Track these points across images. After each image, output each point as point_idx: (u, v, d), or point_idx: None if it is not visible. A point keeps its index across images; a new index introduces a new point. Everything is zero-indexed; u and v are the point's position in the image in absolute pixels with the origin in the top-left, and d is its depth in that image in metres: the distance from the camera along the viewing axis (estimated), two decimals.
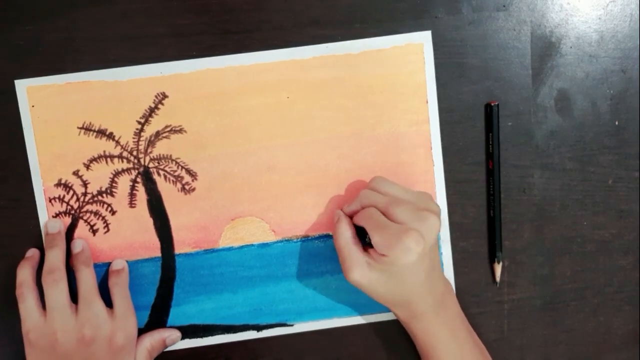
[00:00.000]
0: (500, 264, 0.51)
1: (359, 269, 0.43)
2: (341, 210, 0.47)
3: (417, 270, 0.42)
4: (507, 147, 0.50)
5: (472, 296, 0.51)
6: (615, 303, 0.52)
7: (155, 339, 0.48)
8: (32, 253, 0.48)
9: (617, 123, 0.51)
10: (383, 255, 0.42)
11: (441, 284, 0.46)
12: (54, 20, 0.47)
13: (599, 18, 0.50)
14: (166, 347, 0.49)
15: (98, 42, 0.47)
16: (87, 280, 0.46)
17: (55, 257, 0.46)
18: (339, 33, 0.48)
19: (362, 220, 0.44)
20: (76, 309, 0.45)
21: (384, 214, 0.43)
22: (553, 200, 0.51)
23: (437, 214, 0.43)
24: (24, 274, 0.46)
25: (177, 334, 0.49)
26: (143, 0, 0.47)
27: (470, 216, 0.50)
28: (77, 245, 0.48)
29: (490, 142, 0.49)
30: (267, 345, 0.51)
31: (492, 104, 0.49)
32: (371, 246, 0.43)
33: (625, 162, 0.51)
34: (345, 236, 0.45)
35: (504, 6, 0.49)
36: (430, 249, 0.43)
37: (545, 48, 0.50)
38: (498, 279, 0.51)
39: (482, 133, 0.50)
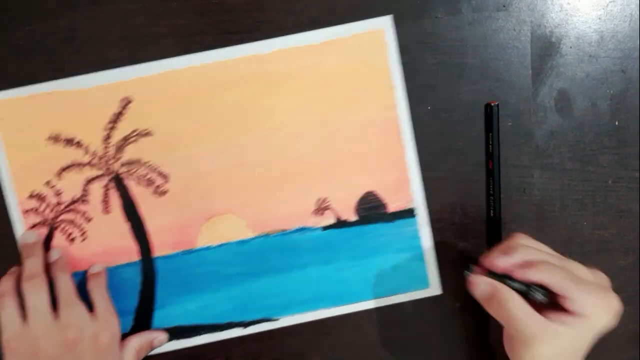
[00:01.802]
0: None
1: (550, 341, 0.36)
2: (476, 266, 0.41)
3: (593, 338, 0.38)
4: (507, 147, 0.50)
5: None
6: None
7: (143, 340, 0.48)
8: (15, 269, 0.47)
9: (617, 123, 0.51)
10: (579, 316, 0.36)
11: None
12: (54, 20, 0.47)
13: (599, 18, 0.50)
14: (153, 348, 0.49)
15: (98, 42, 0.47)
16: (66, 286, 0.46)
17: (34, 264, 0.46)
18: None
19: (549, 275, 0.38)
20: (57, 314, 0.45)
21: None
22: (553, 200, 0.51)
23: None
24: (6, 284, 0.46)
25: (164, 335, 0.49)
26: (143, 0, 0.47)
27: (470, 216, 0.50)
28: (54, 254, 0.48)
29: (490, 142, 0.49)
30: (268, 344, 0.51)
31: (492, 104, 0.49)
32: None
33: (625, 162, 0.51)
34: (519, 301, 0.38)
35: (504, 6, 0.49)
36: None
37: (545, 48, 0.50)
38: None
39: (482, 133, 0.50)
